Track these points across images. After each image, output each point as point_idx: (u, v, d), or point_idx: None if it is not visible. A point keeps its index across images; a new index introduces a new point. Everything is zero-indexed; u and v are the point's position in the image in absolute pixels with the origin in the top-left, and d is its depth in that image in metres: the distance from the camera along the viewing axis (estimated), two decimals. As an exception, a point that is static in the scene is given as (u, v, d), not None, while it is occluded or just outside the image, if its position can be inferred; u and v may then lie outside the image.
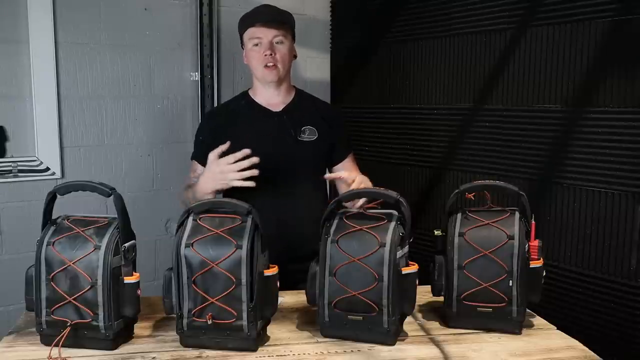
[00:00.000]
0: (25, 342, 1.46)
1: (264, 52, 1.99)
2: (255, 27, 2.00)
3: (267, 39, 1.99)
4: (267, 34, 1.99)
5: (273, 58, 1.99)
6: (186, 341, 1.44)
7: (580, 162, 2.16)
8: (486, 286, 1.52)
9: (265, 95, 2.09)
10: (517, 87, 2.35)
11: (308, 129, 2.06)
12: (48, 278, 1.40)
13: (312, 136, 2.06)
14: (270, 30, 1.99)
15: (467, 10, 2.52)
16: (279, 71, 2.02)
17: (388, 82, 2.92)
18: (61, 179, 2.65)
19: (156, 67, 2.85)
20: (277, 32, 2.00)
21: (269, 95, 2.08)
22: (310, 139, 2.05)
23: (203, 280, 1.39)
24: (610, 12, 2.05)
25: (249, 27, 2.02)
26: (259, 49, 2.00)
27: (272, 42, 1.99)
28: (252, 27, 2.01)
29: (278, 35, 2.00)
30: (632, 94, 2.00)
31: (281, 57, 2.01)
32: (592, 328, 2.10)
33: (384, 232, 1.44)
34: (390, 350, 1.44)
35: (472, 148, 2.54)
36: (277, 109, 2.08)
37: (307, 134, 2.05)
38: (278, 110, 2.08)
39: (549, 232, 2.22)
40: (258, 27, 1.99)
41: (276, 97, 2.09)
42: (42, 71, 2.57)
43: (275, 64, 2.00)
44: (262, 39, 1.99)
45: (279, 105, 2.08)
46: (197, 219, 1.44)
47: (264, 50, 1.99)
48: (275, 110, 2.08)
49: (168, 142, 2.92)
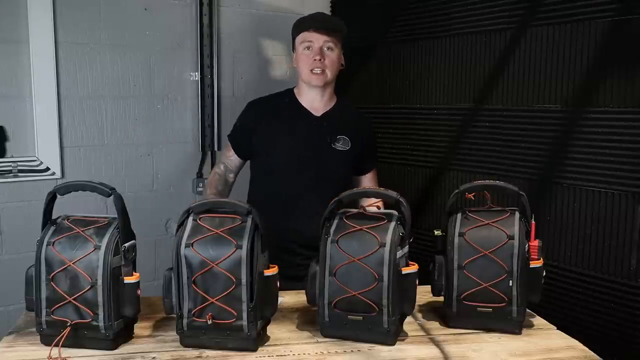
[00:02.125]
0: (25, 342, 1.46)
1: (313, 57, 2.03)
2: (309, 31, 2.04)
3: (318, 44, 2.03)
4: (319, 39, 2.03)
5: (322, 63, 2.04)
6: (186, 341, 1.44)
7: (580, 162, 2.16)
8: (486, 286, 1.52)
9: (308, 98, 2.12)
10: (517, 87, 2.34)
11: (342, 139, 2.10)
12: (48, 278, 1.40)
13: (346, 146, 2.10)
14: (322, 36, 2.03)
15: (467, 10, 2.52)
16: (326, 76, 2.06)
17: (388, 82, 2.92)
18: (61, 179, 2.65)
19: (156, 67, 2.86)
20: (328, 39, 2.04)
21: (312, 98, 2.12)
22: (344, 148, 2.10)
23: (203, 280, 1.39)
24: (610, 12, 2.05)
25: (303, 31, 2.06)
26: (309, 53, 2.04)
27: (323, 47, 2.03)
28: (306, 32, 2.05)
29: (329, 42, 2.04)
30: (632, 94, 2.00)
31: (330, 63, 2.05)
32: (592, 328, 2.10)
33: (384, 232, 1.44)
34: (390, 350, 1.44)
35: (472, 148, 2.54)
36: (318, 113, 2.11)
37: (341, 143, 2.10)
38: (318, 114, 2.11)
39: (549, 232, 2.22)
40: (311, 32, 2.04)
41: (319, 101, 2.12)
42: (42, 71, 2.58)
43: (323, 69, 2.04)
44: (313, 44, 2.03)
45: (319, 110, 2.12)
46: (197, 219, 1.44)
47: (313, 54, 2.03)
48: (315, 114, 2.11)
49: (168, 142, 2.92)
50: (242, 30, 3.06)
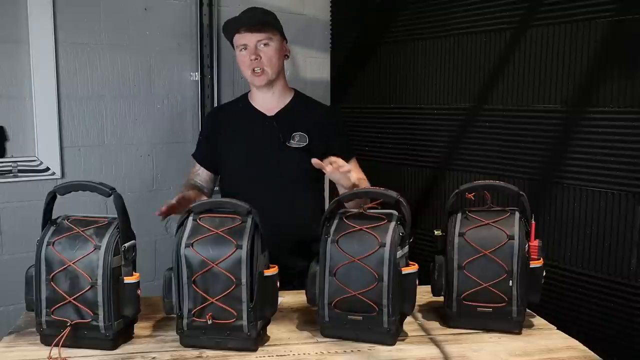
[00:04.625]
0: (25, 342, 1.47)
1: (249, 57, 1.98)
2: (240, 33, 1.99)
3: (252, 43, 1.98)
4: (251, 38, 1.98)
5: (259, 62, 1.98)
6: (186, 341, 1.44)
7: (580, 162, 2.16)
8: (486, 286, 1.52)
9: (260, 99, 2.09)
10: (517, 87, 2.35)
11: (298, 135, 2.04)
12: (48, 278, 1.40)
13: (302, 142, 2.03)
14: (254, 35, 1.98)
15: (467, 10, 2.52)
16: (267, 74, 2.01)
17: (388, 82, 2.92)
18: (61, 179, 2.64)
19: (156, 67, 2.85)
20: (261, 35, 1.98)
21: (263, 98, 2.08)
22: (300, 145, 2.03)
23: (203, 280, 1.39)
24: (610, 12, 2.05)
25: (235, 34, 2.01)
26: (246, 53, 1.99)
27: (257, 46, 1.98)
28: (237, 34, 2.00)
29: (262, 39, 1.98)
30: (632, 94, 2.01)
31: (267, 59, 1.99)
32: (592, 328, 2.10)
33: (384, 232, 1.44)
34: (390, 350, 1.44)
35: (472, 148, 2.54)
36: (271, 113, 2.07)
37: (297, 139, 2.03)
38: (271, 114, 2.07)
39: (549, 232, 2.22)
40: (242, 33, 1.99)
41: (270, 100, 2.08)
42: (42, 71, 2.57)
43: (262, 67, 1.99)
44: (247, 44, 1.99)
45: (272, 110, 2.08)
46: (197, 219, 1.44)
47: (249, 55, 1.98)
48: (268, 114, 2.07)
49: (168, 142, 2.92)
50: (242, 30, 3.05)
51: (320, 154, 2.05)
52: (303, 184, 2.06)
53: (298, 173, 2.03)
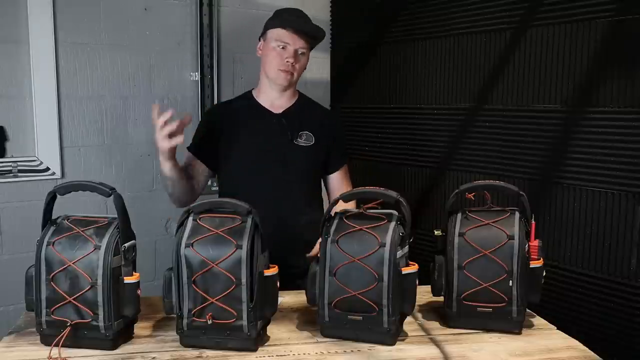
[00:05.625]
0: (25, 342, 1.46)
1: (286, 58, 1.99)
2: (287, 30, 1.98)
3: (294, 47, 1.99)
4: (296, 42, 1.99)
5: (293, 67, 2.01)
6: (186, 341, 1.44)
7: (580, 162, 2.16)
8: (486, 286, 1.52)
9: (268, 96, 2.09)
10: (517, 87, 2.35)
11: (305, 134, 2.06)
12: (48, 278, 1.40)
13: (309, 141, 2.06)
14: (301, 40, 1.99)
15: (467, 10, 2.52)
16: (293, 78, 2.03)
17: (388, 82, 2.92)
18: (61, 179, 2.65)
19: (156, 67, 2.85)
20: (304, 44, 2.00)
21: (273, 96, 2.09)
22: (307, 144, 2.06)
23: (203, 280, 1.39)
24: (610, 12, 2.05)
25: (280, 28, 2.00)
26: (283, 52, 1.99)
27: (297, 51, 2.00)
28: (283, 29, 1.99)
29: (303, 48, 2.01)
30: (632, 94, 2.00)
31: (300, 67, 2.03)
32: (592, 328, 2.10)
33: (384, 232, 1.44)
34: (390, 350, 1.44)
35: (472, 148, 2.54)
36: (278, 111, 2.08)
37: (304, 138, 2.06)
38: (278, 112, 2.08)
39: (549, 232, 2.22)
40: (289, 32, 1.98)
41: (279, 99, 2.09)
42: (42, 71, 2.57)
43: (293, 72, 2.02)
44: (289, 46, 1.99)
45: (280, 108, 2.09)
46: (197, 219, 1.44)
47: (287, 56, 1.98)
48: (275, 112, 2.08)
49: (168, 142, 2.91)
50: (242, 30, 3.05)
51: (324, 154, 2.08)
52: (307, 183, 2.08)
53: (304, 171, 2.06)
